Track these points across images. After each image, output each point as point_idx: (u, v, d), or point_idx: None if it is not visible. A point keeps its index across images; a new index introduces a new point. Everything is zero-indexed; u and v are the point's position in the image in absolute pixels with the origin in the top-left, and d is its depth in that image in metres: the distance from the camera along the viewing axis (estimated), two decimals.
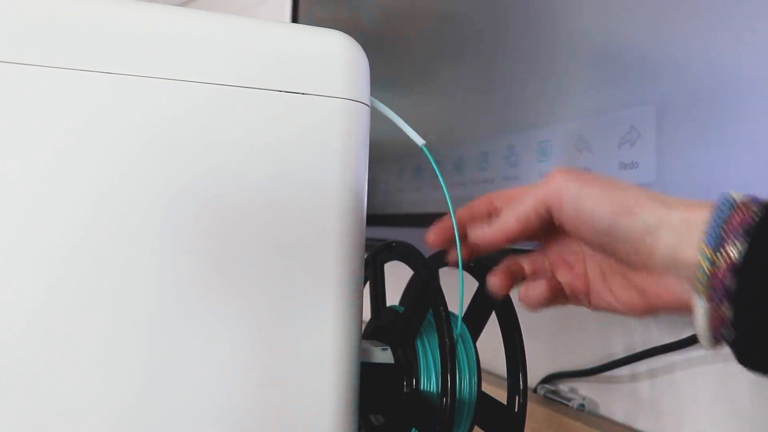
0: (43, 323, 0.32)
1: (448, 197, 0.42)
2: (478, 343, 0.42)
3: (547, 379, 0.71)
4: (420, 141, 0.41)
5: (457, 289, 0.41)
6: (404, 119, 0.41)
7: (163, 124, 0.34)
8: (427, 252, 0.43)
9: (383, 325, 0.45)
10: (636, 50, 0.55)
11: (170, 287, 0.34)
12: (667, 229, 0.32)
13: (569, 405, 0.66)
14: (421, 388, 0.40)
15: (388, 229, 0.92)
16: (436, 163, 0.42)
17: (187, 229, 0.34)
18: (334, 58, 0.37)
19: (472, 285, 0.43)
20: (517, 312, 0.43)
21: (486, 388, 0.42)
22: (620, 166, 0.56)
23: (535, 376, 0.72)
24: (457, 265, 0.40)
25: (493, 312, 0.44)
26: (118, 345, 0.33)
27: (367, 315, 0.43)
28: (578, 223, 0.35)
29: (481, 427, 0.42)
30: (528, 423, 0.41)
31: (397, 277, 0.48)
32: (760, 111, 0.46)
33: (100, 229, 0.33)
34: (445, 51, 0.81)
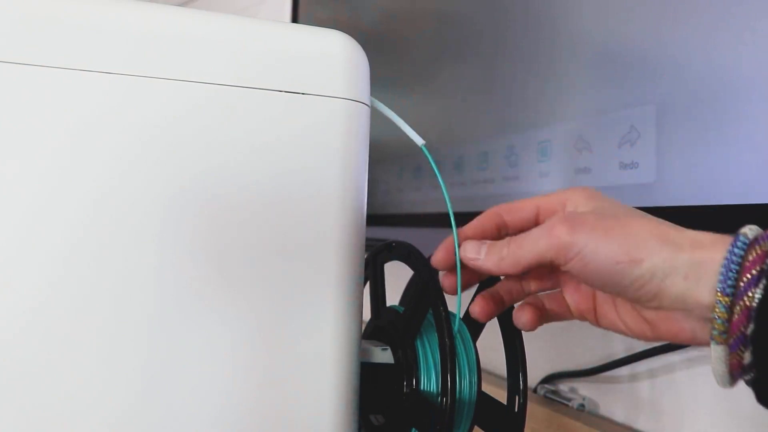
0: (44, 323, 0.32)
1: (447, 198, 0.42)
2: (478, 343, 0.42)
3: (547, 379, 0.71)
4: (420, 141, 0.41)
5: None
6: (404, 119, 0.41)
7: (163, 124, 0.34)
8: (427, 252, 0.43)
9: (383, 325, 0.44)
10: (636, 50, 0.55)
11: (170, 287, 0.34)
12: (677, 275, 0.31)
13: (569, 405, 0.66)
14: (421, 388, 0.40)
15: (388, 229, 0.92)
16: (436, 163, 0.42)
17: (187, 229, 0.34)
18: (334, 58, 0.37)
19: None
20: None
21: (486, 388, 0.41)
22: (620, 166, 0.56)
23: (535, 376, 0.72)
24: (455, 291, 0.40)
25: None
26: (119, 345, 0.33)
27: (367, 315, 0.43)
28: (583, 274, 0.34)
29: (481, 427, 0.42)
30: (528, 423, 0.41)
31: (397, 277, 0.48)
32: (760, 111, 0.46)
33: (100, 229, 0.33)
34: (445, 51, 0.81)
